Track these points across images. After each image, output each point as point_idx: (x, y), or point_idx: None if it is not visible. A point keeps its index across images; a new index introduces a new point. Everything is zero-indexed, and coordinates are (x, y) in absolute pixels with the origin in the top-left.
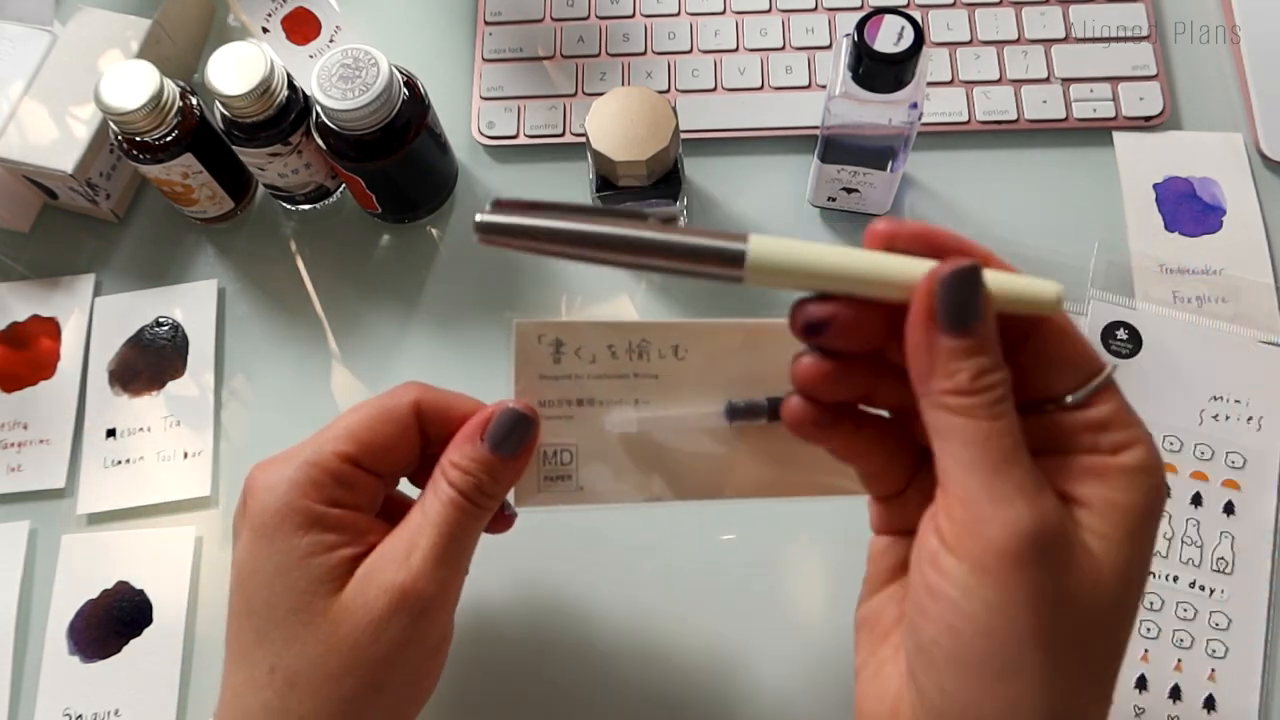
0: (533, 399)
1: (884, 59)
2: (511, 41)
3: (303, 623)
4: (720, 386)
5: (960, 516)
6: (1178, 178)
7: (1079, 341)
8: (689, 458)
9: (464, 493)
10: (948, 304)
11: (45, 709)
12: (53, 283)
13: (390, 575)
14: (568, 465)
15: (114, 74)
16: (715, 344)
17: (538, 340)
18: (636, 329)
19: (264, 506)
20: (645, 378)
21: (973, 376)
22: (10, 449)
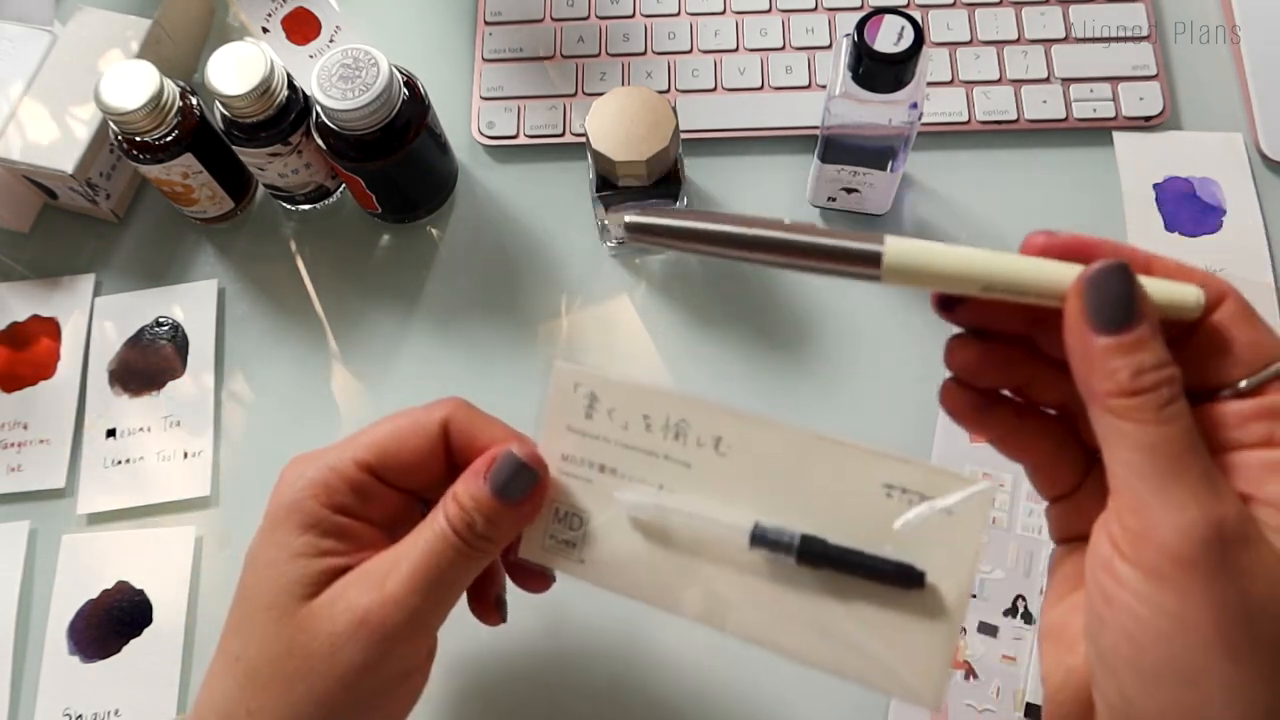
0: (556, 450)
1: (884, 59)
2: (511, 41)
3: (272, 620)
4: (757, 500)
5: (1132, 524)
6: (1178, 178)
7: (1256, 325)
8: (697, 570)
9: (456, 528)
10: (1097, 303)
11: (45, 709)
12: (53, 283)
13: (358, 596)
14: (575, 532)
15: (114, 74)
16: (764, 447)
17: (573, 389)
18: (680, 404)
19: (280, 498)
20: (676, 463)
21: (1133, 375)
22: (10, 449)
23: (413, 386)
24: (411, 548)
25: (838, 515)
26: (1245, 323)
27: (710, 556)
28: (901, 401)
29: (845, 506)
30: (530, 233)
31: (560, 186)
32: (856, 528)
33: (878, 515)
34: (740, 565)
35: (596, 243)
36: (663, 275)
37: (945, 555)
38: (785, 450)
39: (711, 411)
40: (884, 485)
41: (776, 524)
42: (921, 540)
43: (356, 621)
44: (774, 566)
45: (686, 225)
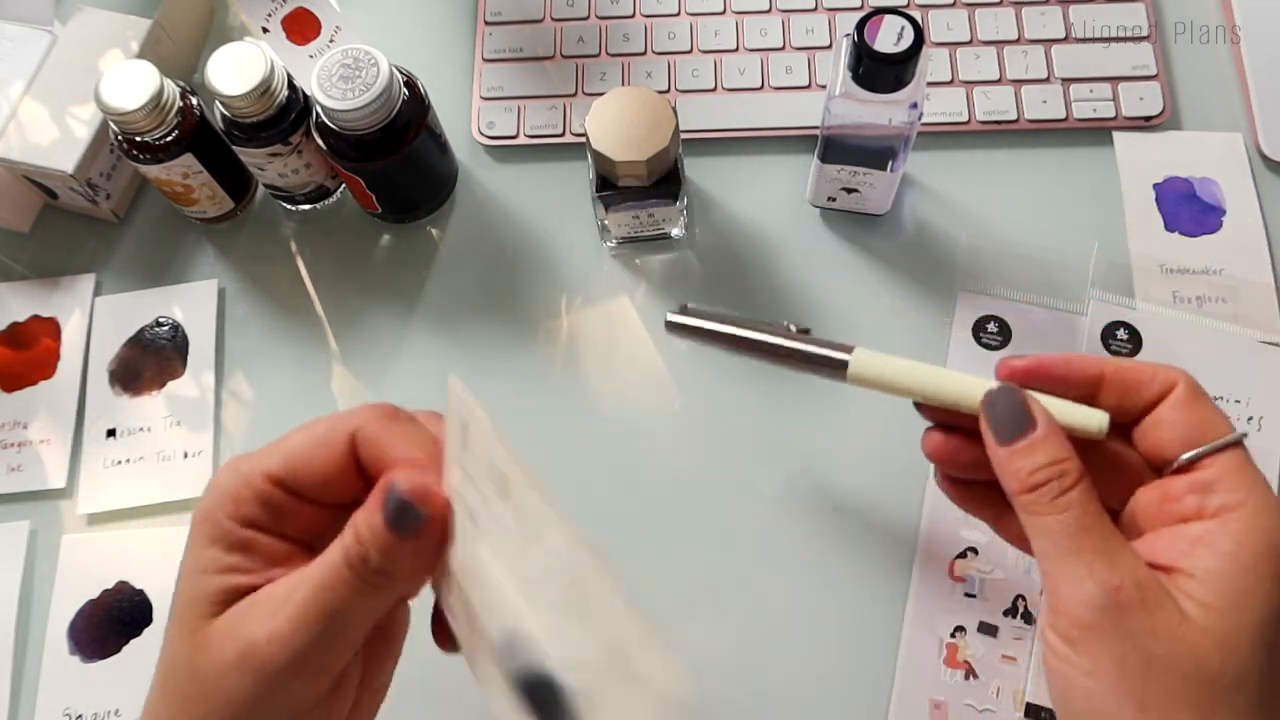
0: (452, 484)
1: (884, 59)
2: (511, 41)
3: (179, 633)
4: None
5: (1049, 598)
6: (1178, 178)
7: (1200, 407)
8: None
9: (350, 562)
10: (993, 419)
11: (45, 709)
12: (53, 283)
13: (248, 628)
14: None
15: (114, 74)
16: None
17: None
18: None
19: (200, 505)
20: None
21: (1028, 473)
22: (10, 449)
23: (413, 386)
24: (305, 578)
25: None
26: (1191, 406)
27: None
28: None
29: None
30: (530, 233)
31: (560, 186)
32: None
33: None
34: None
35: (596, 243)
36: (663, 275)
37: None
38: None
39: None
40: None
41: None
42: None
43: (240, 654)
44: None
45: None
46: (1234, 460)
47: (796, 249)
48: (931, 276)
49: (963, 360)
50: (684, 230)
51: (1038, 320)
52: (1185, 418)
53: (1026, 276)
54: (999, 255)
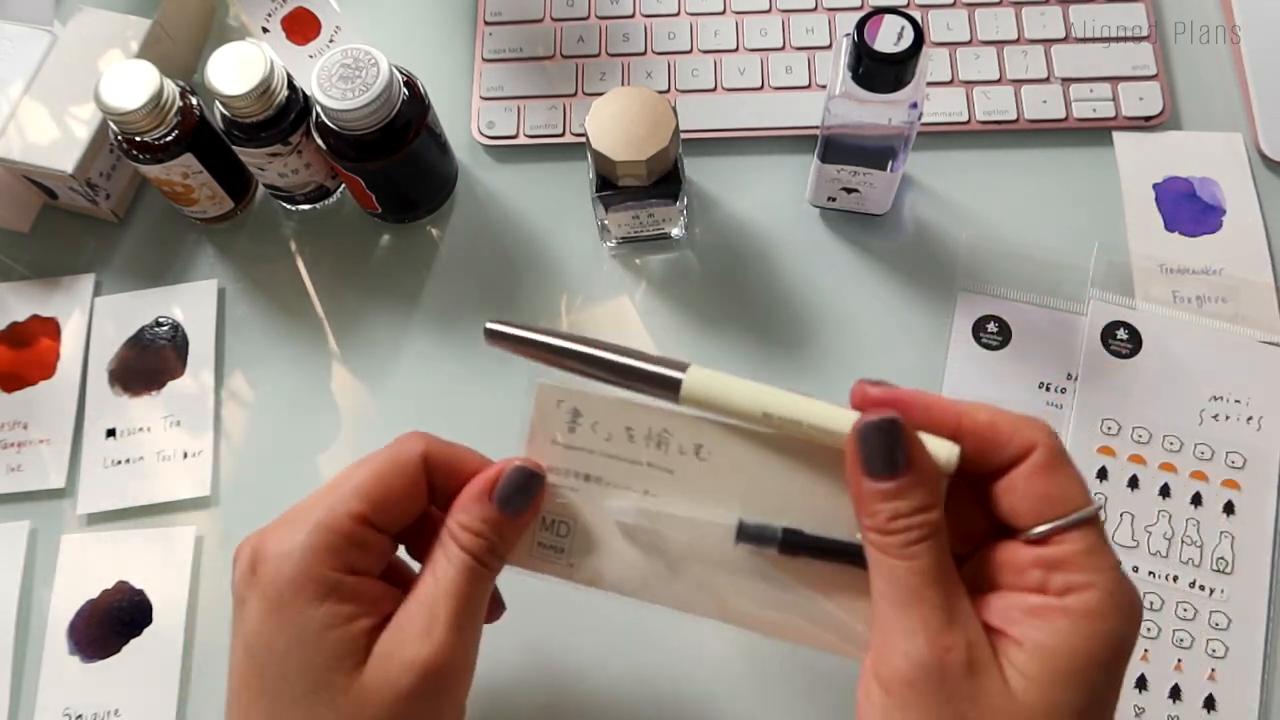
0: (541, 462)
1: (884, 59)
2: (511, 41)
3: (324, 702)
4: (738, 499)
5: (877, 643)
6: (1178, 178)
7: (1059, 476)
8: (686, 566)
9: (477, 556)
10: (865, 453)
11: (45, 709)
12: (53, 283)
13: (414, 651)
14: (563, 538)
15: (114, 74)
16: (742, 452)
17: (556, 405)
18: (661, 416)
19: (278, 574)
20: (659, 470)
21: (889, 518)
22: (10, 449)
23: (413, 386)
24: (438, 589)
25: (814, 508)
26: (1049, 474)
27: (696, 554)
28: None
29: (820, 500)
30: (530, 233)
31: (560, 186)
32: (831, 519)
33: (849, 509)
34: (726, 559)
35: (596, 243)
36: (663, 275)
37: None
38: (763, 452)
39: (692, 421)
40: None
41: (759, 520)
42: None
43: (421, 677)
44: (757, 559)
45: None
46: (1086, 539)
47: (796, 249)
48: (931, 276)
49: (963, 360)
50: (684, 230)
51: (1038, 320)
52: (1040, 487)
53: (1026, 276)
54: (999, 255)
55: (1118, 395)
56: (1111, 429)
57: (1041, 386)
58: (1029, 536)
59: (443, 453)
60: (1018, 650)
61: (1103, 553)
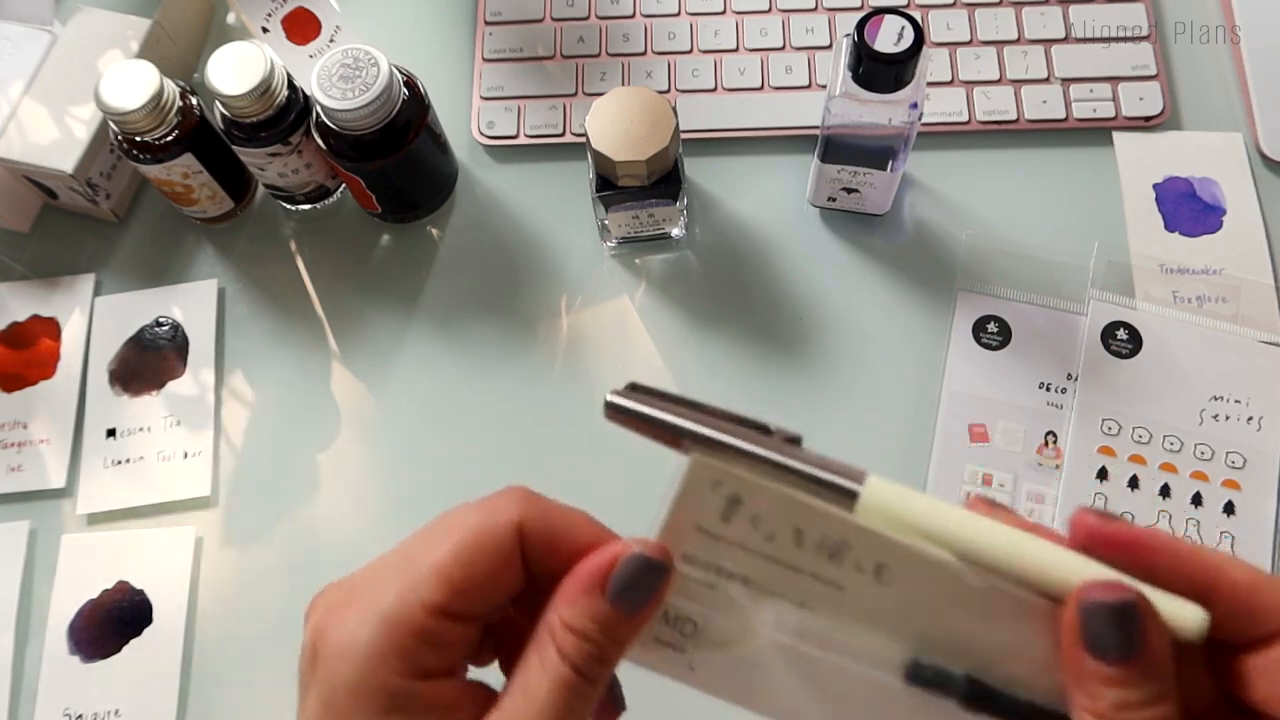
0: (677, 549)
1: (884, 59)
2: (511, 41)
3: None
4: (916, 636)
5: None
6: (1178, 178)
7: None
8: (841, 701)
9: (579, 666)
10: (1093, 631)
11: (45, 709)
12: (53, 283)
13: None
14: (686, 637)
15: (114, 74)
16: (934, 584)
17: (712, 487)
18: (841, 525)
19: (335, 675)
20: (826, 584)
21: (1115, 706)
22: (10, 449)
23: (413, 386)
24: (529, 704)
25: (1008, 664)
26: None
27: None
28: (901, 402)
29: (1019, 656)
30: (530, 233)
31: (560, 186)
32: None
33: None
34: (888, 701)
35: (596, 243)
36: (662, 275)
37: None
38: (959, 586)
39: (880, 539)
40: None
41: (937, 661)
42: None
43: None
44: (929, 710)
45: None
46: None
47: (796, 249)
48: (931, 276)
49: (963, 360)
50: (684, 230)
51: (1038, 320)
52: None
53: (1026, 276)
54: (999, 255)
55: (1118, 395)
56: (1112, 429)
57: (1041, 386)
58: None
59: (545, 522)
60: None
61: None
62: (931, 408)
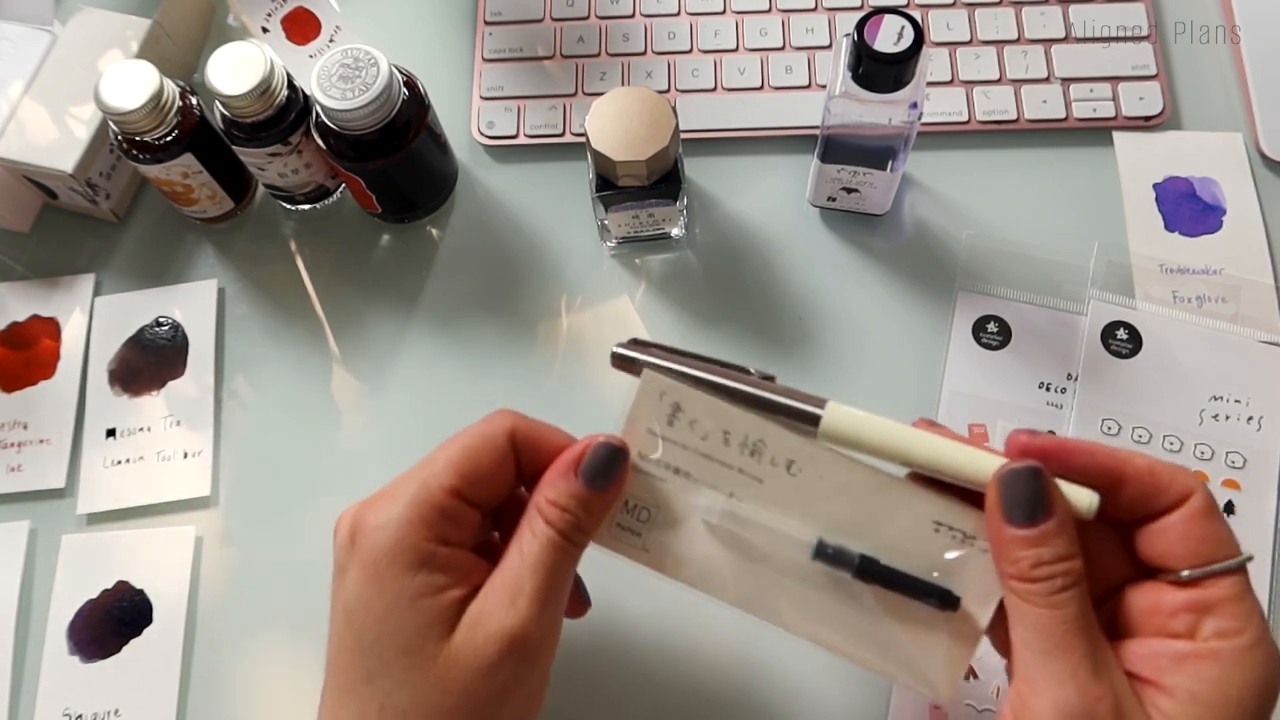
0: (634, 448)
1: (884, 59)
2: (511, 41)
3: (414, 665)
4: (821, 519)
5: (1022, 690)
6: (1178, 178)
7: (1212, 524)
8: (760, 571)
9: (563, 531)
10: (1008, 500)
11: (45, 709)
12: (53, 283)
13: (499, 622)
14: (643, 523)
15: (114, 74)
16: (834, 477)
17: (659, 396)
18: (758, 426)
19: (375, 544)
20: (749, 477)
21: (1032, 565)
22: (10, 449)
23: (413, 387)
24: (523, 563)
25: (891, 542)
26: (1204, 520)
27: (772, 562)
28: (901, 402)
29: (898, 536)
30: (530, 233)
31: (560, 186)
32: (907, 555)
33: (926, 546)
34: (800, 573)
35: (596, 243)
36: (663, 275)
37: (980, 586)
38: (851, 481)
39: (788, 436)
40: (933, 521)
41: (838, 542)
42: (962, 571)
43: (506, 646)
44: (832, 580)
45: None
46: (1236, 586)
47: (796, 249)
48: (931, 276)
49: (963, 360)
50: (684, 230)
51: (1038, 320)
52: (1197, 531)
53: (1026, 276)
54: (999, 255)
55: (1118, 395)
56: (1111, 429)
57: (1041, 386)
58: (1182, 578)
59: (530, 430)
60: (1166, 699)
61: (1253, 600)
62: (931, 407)
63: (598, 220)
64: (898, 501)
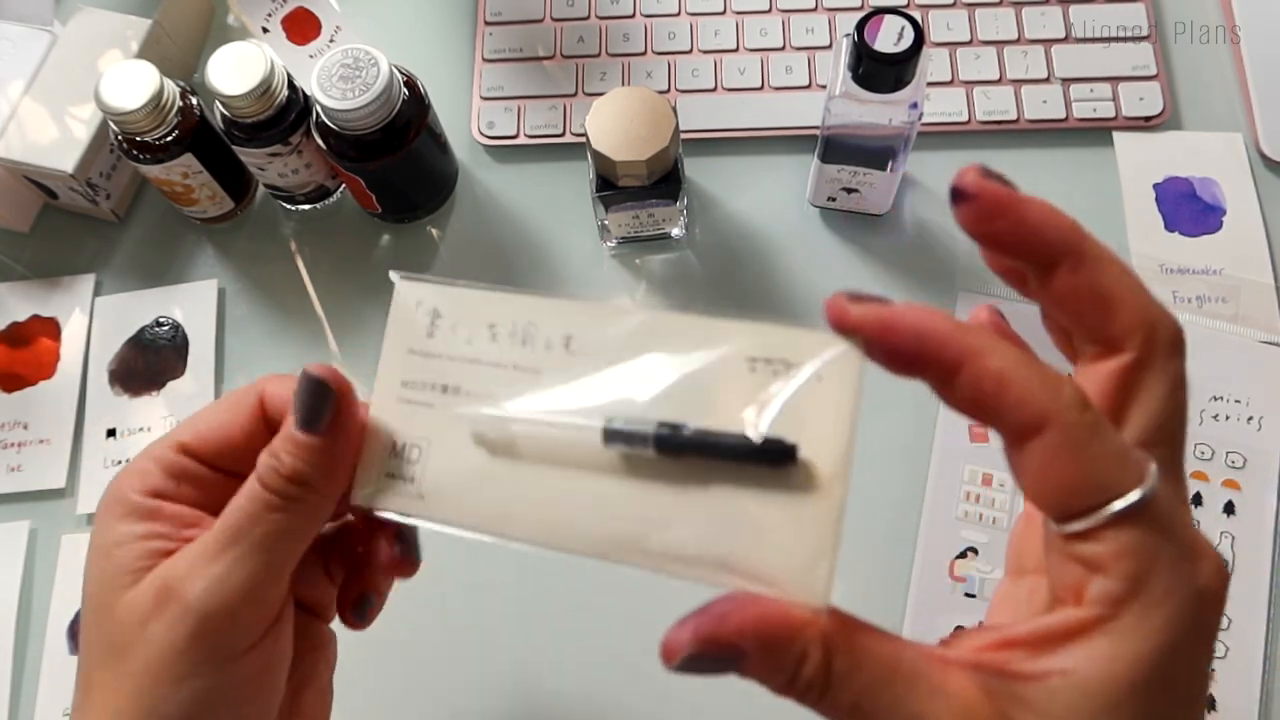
0: (395, 377)
1: (884, 59)
2: (511, 41)
3: (97, 622)
4: (612, 396)
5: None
6: (1178, 178)
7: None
8: (553, 485)
9: (262, 477)
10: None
11: (45, 709)
12: (53, 283)
13: (177, 585)
14: (414, 464)
15: (114, 74)
16: (617, 338)
17: (415, 305)
18: (526, 306)
19: (106, 489)
20: (525, 371)
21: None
22: (10, 449)
23: None
24: (222, 521)
25: (702, 400)
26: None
27: (563, 465)
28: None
29: (709, 390)
30: (530, 233)
31: (560, 186)
32: (724, 410)
33: (743, 392)
34: (598, 472)
35: (596, 243)
36: (663, 275)
37: (818, 424)
38: (639, 337)
39: (560, 308)
40: (747, 359)
41: (630, 415)
42: (793, 410)
43: (157, 594)
44: (640, 478)
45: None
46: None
47: (796, 249)
48: (931, 276)
49: None
50: (684, 230)
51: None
52: (1060, 475)
53: None
54: None
55: None
56: None
57: None
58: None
59: (280, 389)
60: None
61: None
62: (931, 407)
63: (598, 220)
64: (702, 345)
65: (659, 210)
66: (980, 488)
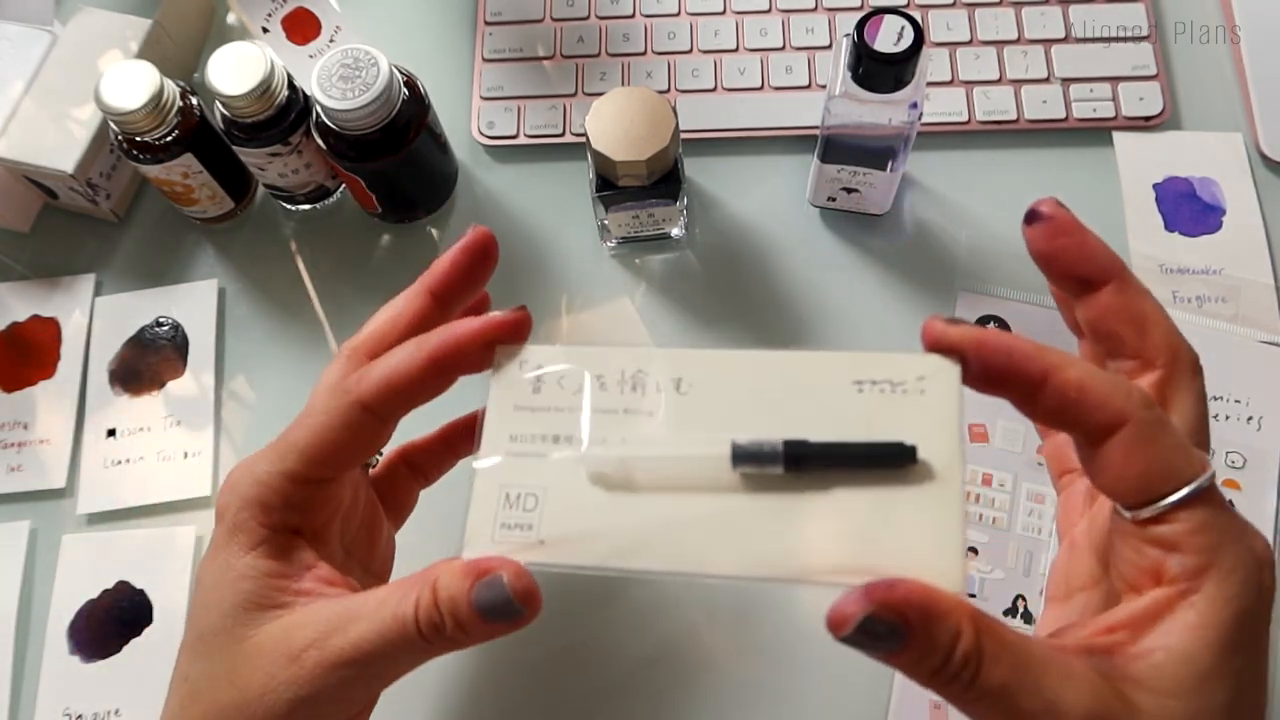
0: (504, 433)
1: (884, 59)
2: (511, 41)
3: (217, 645)
4: (727, 427)
5: None
6: (1178, 178)
7: (1155, 451)
8: (679, 517)
9: (421, 626)
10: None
11: (45, 709)
12: (53, 283)
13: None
14: (530, 512)
15: (114, 74)
16: (727, 376)
17: (519, 367)
18: (633, 357)
19: (223, 513)
20: (639, 414)
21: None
22: (10, 449)
23: None
24: (375, 613)
25: (815, 419)
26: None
27: (685, 493)
28: None
29: (819, 412)
30: (530, 233)
31: (560, 186)
32: (837, 427)
33: (853, 411)
34: (723, 495)
35: (596, 243)
36: (663, 275)
37: (929, 429)
38: (748, 374)
39: (667, 356)
40: (853, 383)
41: (754, 437)
42: (902, 421)
43: (293, 673)
44: (759, 485)
45: None
46: (1195, 517)
47: (796, 249)
48: (931, 276)
49: None
50: (684, 230)
51: (1038, 320)
52: (1135, 465)
53: (1026, 276)
54: (999, 255)
55: None
56: None
57: None
58: (1128, 519)
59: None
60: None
61: (1223, 520)
62: None
63: (598, 220)
64: (808, 377)
65: (659, 210)
66: (980, 488)
